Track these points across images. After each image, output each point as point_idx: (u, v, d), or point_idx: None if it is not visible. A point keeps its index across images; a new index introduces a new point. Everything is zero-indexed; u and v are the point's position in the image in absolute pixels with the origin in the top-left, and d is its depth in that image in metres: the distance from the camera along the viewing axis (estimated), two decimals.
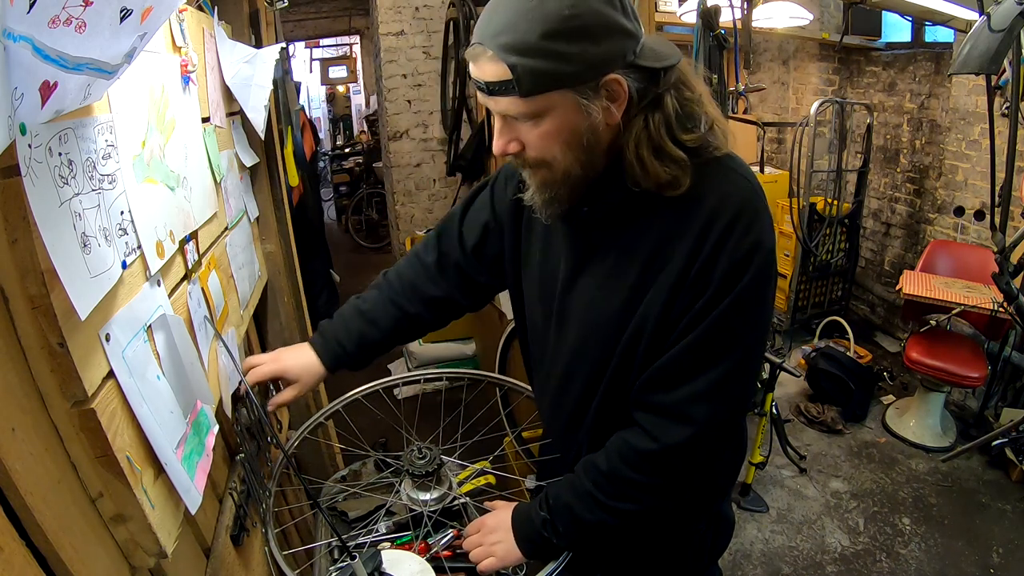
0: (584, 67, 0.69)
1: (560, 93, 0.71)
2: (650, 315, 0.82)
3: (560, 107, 0.72)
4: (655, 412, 0.84)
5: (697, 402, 0.80)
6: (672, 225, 0.80)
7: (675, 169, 0.76)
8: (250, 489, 1.05)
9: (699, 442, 0.82)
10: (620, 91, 0.73)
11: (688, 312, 0.79)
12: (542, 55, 0.67)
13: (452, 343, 3.38)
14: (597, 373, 0.90)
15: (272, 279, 1.60)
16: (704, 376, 0.80)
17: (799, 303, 3.73)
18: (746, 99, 3.15)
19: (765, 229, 0.79)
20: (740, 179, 0.81)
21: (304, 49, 8.86)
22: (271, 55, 1.37)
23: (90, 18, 0.46)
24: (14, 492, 0.50)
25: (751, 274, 0.77)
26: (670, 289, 0.80)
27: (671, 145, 0.76)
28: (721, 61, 2.28)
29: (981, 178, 3.03)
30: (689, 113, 0.78)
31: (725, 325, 0.78)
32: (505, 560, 0.93)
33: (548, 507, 0.91)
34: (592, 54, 0.69)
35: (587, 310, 0.90)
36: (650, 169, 0.76)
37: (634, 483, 0.85)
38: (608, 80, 0.71)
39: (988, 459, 2.67)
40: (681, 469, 0.84)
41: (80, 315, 0.56)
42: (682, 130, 0.77)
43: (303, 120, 3.45)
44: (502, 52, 0.68)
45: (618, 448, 0.87)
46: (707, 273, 0.77)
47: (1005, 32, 1.44)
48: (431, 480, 1.06)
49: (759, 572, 2.20)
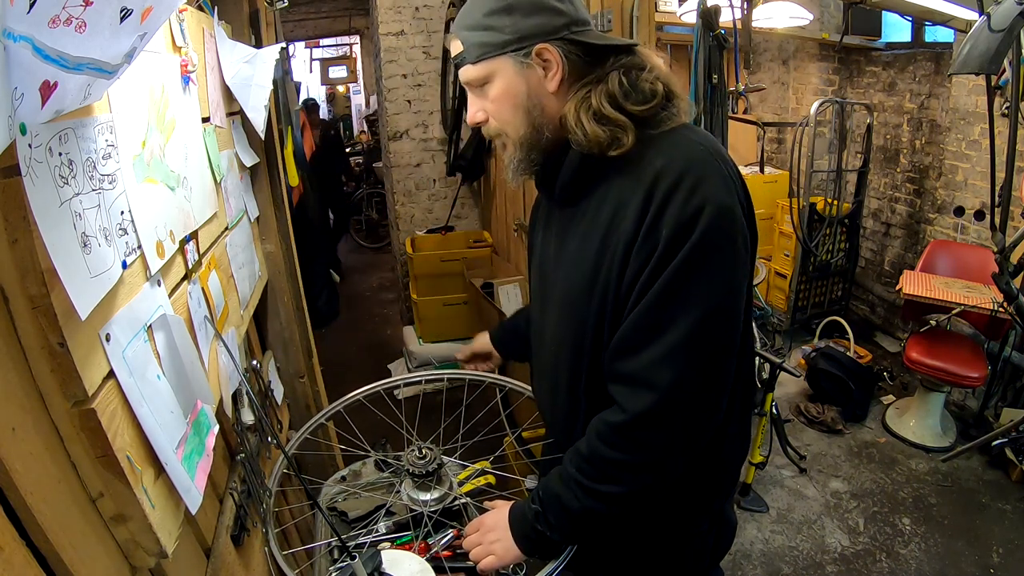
0: (515, 36, 0.82)
1: (500, 60, 0.84)
2: (610, 283, 0.83)
3: (501, 72, 0.85)
4: (622, 382, 0.84)
5: (659, 366, 0.79)
6: (625, 189, 0.82)
7: (614, 129, 0.81)
8: (250, 489, 1.05)
9: (667, 408, 0.81)
10: (552, 60, 0.83)
11: (640, 274, 0.80)
12: (483, 28, 0.84)
13: (453, 343, 3.38)
14: (577, 355, 0.91)
15: (272, 279, 1.60)
16: (662, 339, 0.79)
17: (799, 303, 3.73)
18: (746, 99, 3.15)
19: (716, 189, 0.78)
20: (692, 144, 0.83)
21: (304, 49, 8.86)
22: (271, 55, 1.37)
23: (90, 18, 0.46)
24: (14, 492, 0.50)
25: (699, 233, 0.76)
26: (623, 254, 0.81)
27: (610, 109, 0.82)
28: (721, 61, 2.28)
29: (981, 178, 3.03)
30: (642, 89, 0.83)
31: (678, 286, 0.78)
32: (504, 558, 0.93)
33: (539, 500, 0.91)
34: (522, 25, 0.82)
35: (564, 287, 0.92)
36: (588, 130, 0.82)
37: (611, 461, 0.84)
38: (539, 48, 0.83)
39: (988, 459, 2.67)
40: (653, 440, 0.82)
41: (80, 315, 0.56)
42: (629, 102, 0.83)
43: (303, 120, 3.45)
44: (459, 31, 0.86)
45: (596, 427, 0.87)
46: (653, 233, 0.78)
47: (1005, 32, 1.44)
48: (431, 480, 1.06)
49: (759, 572, 2.20)
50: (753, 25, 2.80)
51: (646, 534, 1.00)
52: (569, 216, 0.93)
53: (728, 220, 0.79)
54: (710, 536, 1.04)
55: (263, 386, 1.32)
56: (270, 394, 1.38)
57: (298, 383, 1.71)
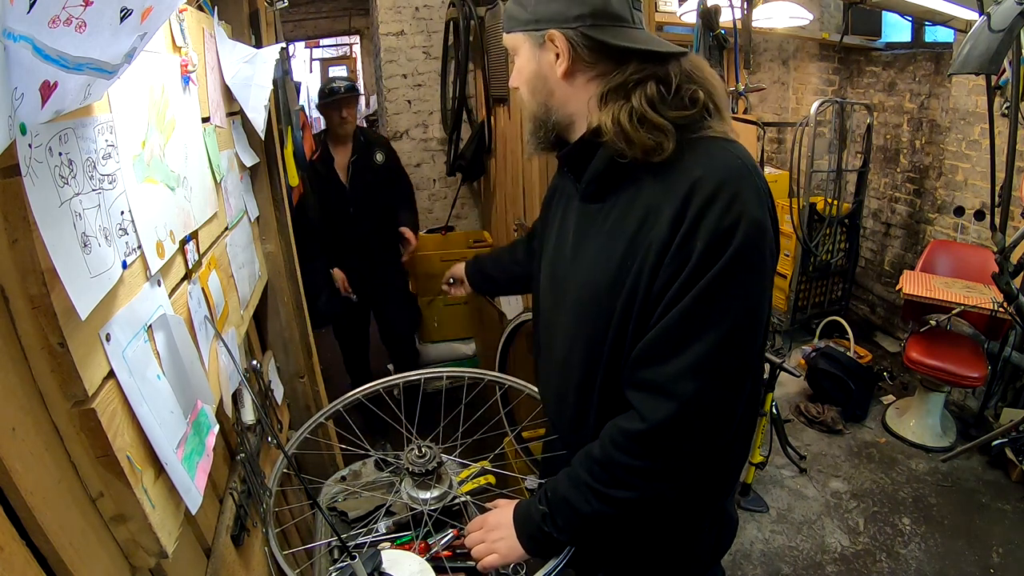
0: (533, 18, 0.86)
1: (522, 36, 0.89)
2: (638, 289, 0.82)
3: (522, 48, 0.90)
4: (643, 389, 0.83)
5: (683, 378, 0.79)
6: (658, 194, 0.81)
7: (658, 135, 0.80)
8: (250, 489, 1.05)
9: (686, 419, 0.80)
10: (560, 48, 0.85)
11: (672, 284, 0.79)
12: (516, 3, 0.90)
13: (452, 343, 3.38)
14: (594, 355, 0.90)
15: (272, 279, 1.60)
16: (689, 350, 0.79)
17: (799, 303, 3.73)
18: (746, 99, 3.14)
19: (751, 203, 0.78)
20: (730, 155, 0.81)
21: (304, 49, 8.86)
22: (271, 55, 1.36)
23: (90, 18, 0.46)
24: (14, 492, 0.49)
25: (733, 249, 0.76)
26: (654, 261, 0.80)
27: (653, 114, 0.81)
28: (721, 61, 2.28)
29: (981, 178, 3.03)
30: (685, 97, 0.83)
31: (710, 298, 0.77)
32: (508, 557, 0.92)
33: (547, 501, 0.90)
34: (540, 9, 0.85)
35: (582, 287, 0.91)
36: (633, 136, 0.80)
37: (626, 467, 0.84)
38: (549, 34, 0.85)
39: (988, 459, 2.67)
40: (671, 449, 0.82)
41: (80, 315, 0.56)
42: (669, 108, 0.82)
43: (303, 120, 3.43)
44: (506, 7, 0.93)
45: (610, 433, 0.86)
46: (689, 243, 0.77)
47: (1005, 32, 1.44)
48: (431, 479, 1.06)
49: (759, 572, 2.20)
50: (753, 25, 2.80)
51: (648, 533, 1.00)
52: (592, 212, 0.91)
53: (760, 236, 0.78)
54: (712, 534, 1.04)
55: (263, 386, 1.32)
56: (270, 394, 1.38)
57: (298, 383, 1.71)
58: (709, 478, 0.94)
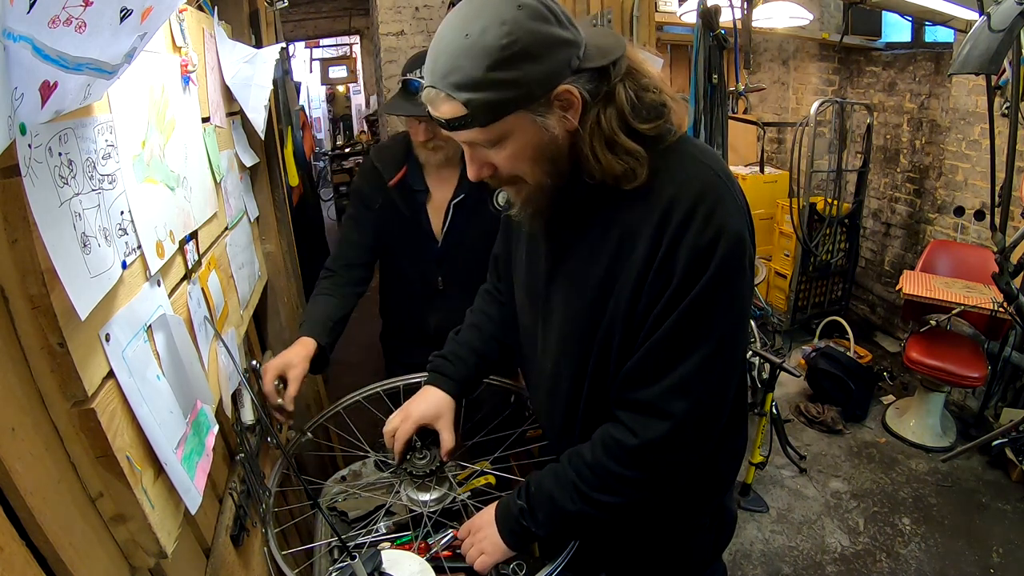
0: (531, 87, 0.72)
1: (515, 116, 0.73)
2: (619, 310, 0.82)
3: (518, 128, 0.75)
4: (634, 409, 0.84)
5: (674, 396, 0.80)
6: (633, 217, 0.80)
7: (630, 160, 0.77)
8: (250, 489, 1.05)
9: (678, 436, 0.82)
10: (572, 99, 0.75)
11: (655, 306, 0.79)
12: (490, 86, 0.70)
13: None
14: (580, 370, 0.91)
15: (272, 279, 1.60)
16: (677, 370, 0.79)
17: (799, 303, 3.73)
18: (746, 99, 3.15)
19: (729, 216, 0.77)
20: (700, 166, 0.80)
21: (304, 49, 8.86)
22: (271, 55, 1.37)
23: (90, 18, 0.46)
24: (14, 492, 0.49)
25: (714, 266, 0.75)
26: (634, 283, 0.80)
27: (623, 137, 0.77)
28: (721, 61, 2.28)
29: (981, 178, 3.03)
30: (646, 102, 0.78)
31: (694, 317, 0.77)
32: (494, 555, 0.92)
33: (527, 496, 0.91)
34: (537, 73, 0.71)
35: (565, 307, 0.91)
36: (603, 161, 0.77)
37: (617, 476, 0.85)
38: (559, 92, 0.74)
39: (988, 459, 2.66)
40: (662, 463, 0.84)
41: (80, 315, 0.56)
42: (638, 119, 0.78)
43: (303, 120, 3.43)
44: (455, 91, 0.71)
45: (602, 440, 0.87)
46: (669, 265, 0.77)
47: (1005, 32, 1.44)
48: (431, 480, 1.06)
49: (759, 572, 2.20)
50: (753, 25, 2.80)
51: (648, 532, 1.00)
52: (568, 238, 0.89)
53: (741, 248, 0.78)
54: (711, 530, 1.04)
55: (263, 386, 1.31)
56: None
57: None
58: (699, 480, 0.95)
